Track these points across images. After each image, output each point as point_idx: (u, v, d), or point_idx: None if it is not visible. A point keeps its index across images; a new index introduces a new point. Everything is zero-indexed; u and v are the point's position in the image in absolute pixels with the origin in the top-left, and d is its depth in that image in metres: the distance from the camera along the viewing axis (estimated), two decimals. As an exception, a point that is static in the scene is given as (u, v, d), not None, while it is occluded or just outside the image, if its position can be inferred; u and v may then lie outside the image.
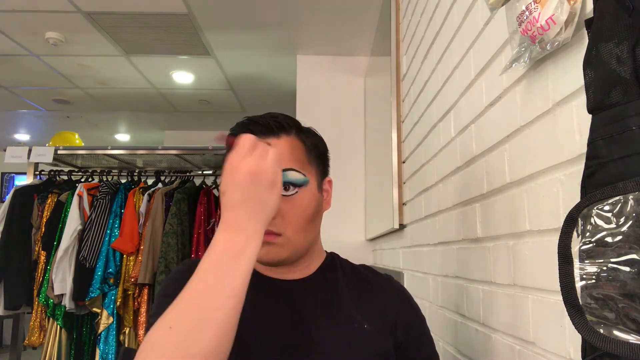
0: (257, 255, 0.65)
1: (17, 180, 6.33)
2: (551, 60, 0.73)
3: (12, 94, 4.29)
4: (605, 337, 0.45)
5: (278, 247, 0.80)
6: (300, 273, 0.88)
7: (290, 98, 3.58)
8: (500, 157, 0.93)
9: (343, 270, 0.92)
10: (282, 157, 0.79)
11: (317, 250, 0.91)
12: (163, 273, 2.47)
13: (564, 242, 0.51)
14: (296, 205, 0.81)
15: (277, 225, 0.79)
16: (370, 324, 0.83)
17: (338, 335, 0.81)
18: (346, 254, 0.97)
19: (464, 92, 1.16)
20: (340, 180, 3.11)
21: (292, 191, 0.81)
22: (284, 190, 0.80)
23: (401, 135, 2.01)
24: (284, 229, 0.80)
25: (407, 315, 0.90)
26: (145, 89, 4.15)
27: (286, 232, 0.80)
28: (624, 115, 0.47)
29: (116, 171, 3.00)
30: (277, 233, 0.80)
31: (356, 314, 0.84)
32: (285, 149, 0.82)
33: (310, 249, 0.88)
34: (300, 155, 0.84)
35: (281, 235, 0.80)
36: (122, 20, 2.88)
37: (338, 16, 2.78)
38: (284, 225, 0.80)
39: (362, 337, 0.82)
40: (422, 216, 1.60)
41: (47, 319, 2.62)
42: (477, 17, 1.07)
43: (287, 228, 0.80)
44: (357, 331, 0.82)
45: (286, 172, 0.80)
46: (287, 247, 0.81)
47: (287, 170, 0.80)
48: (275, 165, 0.68)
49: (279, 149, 0.81)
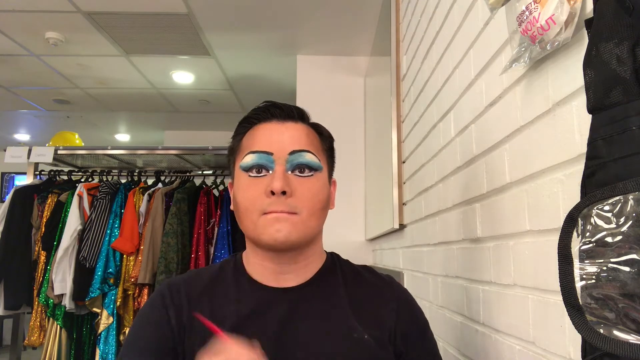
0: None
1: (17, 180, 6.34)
2: (551, 60, 0.73)
3: (12, 94, 4.29)
4: (605, 337, 0.45)
5: (291, 225, 0.77)
6: (299, 276, 0.84)
7: (290, 98, 3.58)
8: (500, 157, 0.93)
9: (343, 273, 0.89)
10: (300, 140, 0.81)
11: (318, 250, 0.88)
12: (163, 273, 2.47)
13: (564, 242, 0.51)
14: (311, 187, 0.80)
15: (292, 205, 0.77)
16: (370, 334, 0.80)
17: (337, 346, 0.79)
18: (346, 254, 0.96)
19: (464, 92, 1.16)
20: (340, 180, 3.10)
21: (308, 173, 0.80)
22: (298, 172, 0.79)
23: (401, 135, 2.01)
24: (300, 209, 0.78)
25: (408, 322, 0.86)
26: (145, 89, 4.15)
27: (302, 212, 0.78)
28: (624, 115, 0.47)
29: (116, 171, 3.00)
30: (292, 212, 0.77)
31: (356, 323, 0.81)
32: (303, 133, 0.83)
33: (315, 245, 0.86)
34: (316, 143, 0.85)
35: (297, 214, 0.78)
36: (122, 20, 2.88)
37: (338, 16, 2.78)
38: (300, 205, 0.78)
39: (362, 347, 0.79)
40: (422, 216, 1.60)
41: (47, 319, 2.62)
42: (477, 17, 1.07)
43: (303, 208, 0.78)
44: (357, 342, 0.79)
45: (304, 152, 0.80)
46: (300, 227, 0.78)
47: (305, 152, 0.80)
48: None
49: (298, 132, 0.83)
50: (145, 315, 0.83)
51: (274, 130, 0.82)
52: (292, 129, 0.83)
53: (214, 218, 2.70)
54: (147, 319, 0.82)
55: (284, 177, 0.78)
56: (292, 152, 0.80)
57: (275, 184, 0.76)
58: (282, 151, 0.79)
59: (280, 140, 0.81)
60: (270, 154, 0.79)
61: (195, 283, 0.85)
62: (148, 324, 0.81)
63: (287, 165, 0.79)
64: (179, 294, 0.82)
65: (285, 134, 0.82)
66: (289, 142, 0.81)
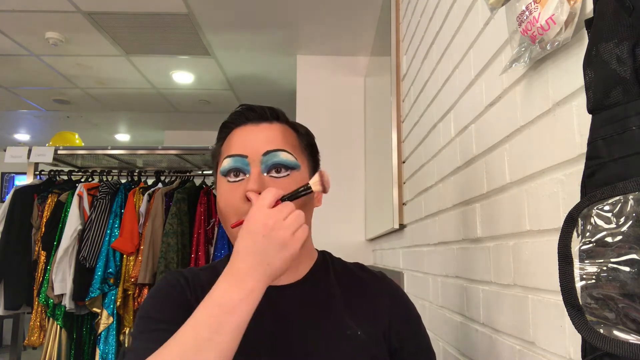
0: (253, 310, 0.64)
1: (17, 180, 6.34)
2: (551, 60, 0.73)
3: (12, 94, 4.29)
4: (605, 337, 0.45)
5: None
6: (291, 275, 0.84)
7: (290, 98, 3.58)
8: (500, 157, 0.93)
9: (335, 271, 0.89)
10: (274, 140, 0.81)
11: (308, 250, 0.88)
12: (163, 273, 2.47)
13: (564, 242, 0.51)
14: (287, 187, 0.78)
15: None
16: (363, 330, 0.81)
17: (331, 344, 0.79)
18: (346, 254, 0.96)
19: (464, 92, 1.16)
20: (340, 180, 3.12)
21: (284, 173, 0.80)
22: (275, 172, 0.79)
23: (401, 135, 2.01)
24: None
25: (401, 318, 0.86)
26: (145, 89, 4.15)
27: None
28: (624, 115, 0.47)
29: (116, 171, 3.00)
30: None
31: (349, 320, 0.81)
32: (278, 133, 0.83)
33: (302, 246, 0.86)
34: (293, 142, 0.84)
35: None
36: (122, 20, 2.88)
37: (338, 16, 2.78)
38: None
39: (356, 344, 0.79)
40: (422, 216, 1.60)
41: (47, 319, 2.62)
42: (477, 17, 1.07)
43: None
44: (350, 339, 0.79)
45: (278, 152, 0.79)
46: None
47: (279, 151, 0.80)
48: (293, 228, 0.67)
49: (273, 132, 0.82)
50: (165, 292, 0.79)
51: (248, 133, 0.82)
52: (265, 130, 0.82)
53: (214, 218, 2.70)
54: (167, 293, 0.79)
55: (259, 179, 0.77)
56: (266, 152, 0.79)
57: (251, 187, 0.76)
58: (256, 153, 0.79)
59: (254, 142, 0.80)
60: (244, 157, 0.79)
61: (201, 277, 0.85)
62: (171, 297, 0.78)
63: (262, 166, 0.79)
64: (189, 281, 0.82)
65: (259, 135, 0.81)
66: (262, 143, 0.80)
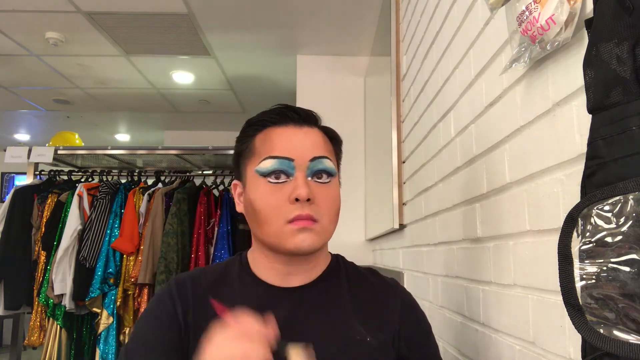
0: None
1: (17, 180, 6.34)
2: (551, 60, 0.73)
3: (12, 94, 4.29)
4: (605, 337, 0.45)
5: (315, 234, 0.78)
6: (305, 277, 0.85)
7: (290, 98, 3.58)
8: (501, 157, 0.93)
9: (347, 276, 0.89)
10: (319, 145, 0.81)
11: (325, 251, 0.89)
12: (163, 273, 2.47)
13: (564, 242, 0.51)
14: (330, 193, 0.80)
15: (314, 211, 0.77)
16: (372, 337, 0.81)
17: (339, 349, 0.79)
18: (346, 254, 0.96)
19: (464, 92, 1.16)
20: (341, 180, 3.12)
21: (327, 179, 0.81)
22: (317, 178, 0.80)
23: (401, 135, 2.01)
24: (321, 216, 0.78)
25: (411, 326, 0.86)
26: (145, 89, 4.15)
27: (323, 219, 0.79)
28: (624, 115, 0.47)
29: (116, 171, 3.00)
30: (315, 219, 0.77)
31: (358, 326, 0.81)
32: (320, 138, 0.83)
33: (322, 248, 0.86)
34: (330, 147, 0.85)
35: (318, 222, 0.78)
36: (122, 20, 2.88)
37: (338, 16, 2.78)
38: (320, 212, 0.78)
39: (364, 350, 0.79)
40: (422, 216, 1.60)
41: (47, 319, 2.62)
42: (477, 17, 1.07)
43: (323, 215, 0.79)
44: (359, 344, 0.79)
45: (324, 159, 0.80)
46: (322, 235, 0.79)
47: (324, 158, 0.80)
48: (263, 355, 0.61)
49: (317, 137, 0.83)
50: (153, 310, 0.82)
51: (293, 136, 0.81)
52: (311, 135, 0.83)
53: (214, 218, 2.70)
54: (154, 313, 0.82)
55: (307, 183, 0.78)
56: (313, 158, 0.79)
57: (302, 192, 0.76)
58: (303, 158, 0.79)
59: (301, 146, 0.80)
60: (291, 160, 0.79)
61: (201, 280, 0.85)
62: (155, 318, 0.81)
63: (307, 171, 0.79)
64: (185, 290, 0.83)
65: (306, 140, 0.81)
66: (309, 148, 0.80)
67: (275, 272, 0.83)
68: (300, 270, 0.84)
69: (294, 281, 0.84)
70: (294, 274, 0.84)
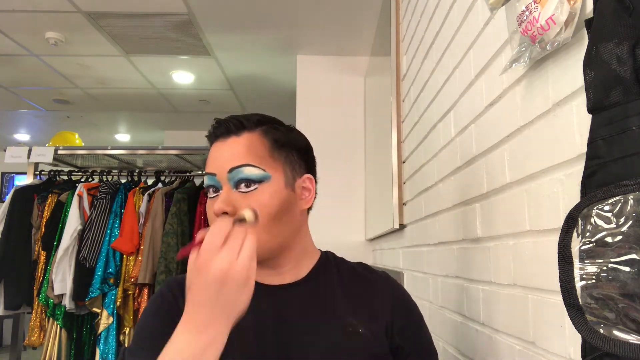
0: (220, 353, 0.62)
1: (17, 180, 6.33)
2: (551, 60, 0.73)
3: (12, 94, 4.29)
4: (605, 337, 0.45)
5: None
6: (290, 276, 0.85)
7: (290, 98, 3.59)
8: (500, 157, 0.93)
9: (338, 270, 0.90)
10: (238, 154, 0.80)
11: (305, 251, 0.89)
12: (163, 273, 2.47)
13: (564, 242, 0.51)
14: (255, 201, 0.78)
15: None
16: (365, 328, 0.81)
17: (331, 341, 0.79)
18: (346, 254, 0.97)
19: (464, 92, 1.16)
20: (340, 180, 3.12)
21: (252, 187, 0.79)
22: (244, 187, 0.79)
23: (401, 135, 2.01)
24: None
25: (403, 316, 0.87)
26: (145, 89, 4.15)
27: None
28: (624, 115, 0.47)
29: (116, 171, 3.00)
30: None
31: (350, 318, 0.82)
32: (242, 146, 0.81)
33: (294, 249, 0.85)
34: (261, 151, 0.81)
35: None
36: (122, 20, 2.88)
37: (338, 16, 2.78)
38: None
39: (357, 342, 0.80)
40: (422, 216, 1.60)
41: (47, 319, 2.62)
42: (477, 17, 1.07)
43: None
44: (351, 336, 0.80)
45: (241, 167, 0.79)
46: None
47: (243, 167, 0.79)
48: (248, 260, 0.64)
49: (237, 146, 0.81)
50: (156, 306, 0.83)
51: (216, 150, 0.83)
52: (230, 145, 0.82)
53: (214, 218, 2.69)
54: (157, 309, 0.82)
55: (227, 197, 0.78)
56: (230, 169, 0.79)
57: (215, 206, 0.77)
58: (222, 171, 0.80)
59: (220, 160, 0.81)
60: (214, 175, 0.80)
61: None
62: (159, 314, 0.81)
63: (230, 183, 0.79)
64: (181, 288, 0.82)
65: (224, 152, 0.81)
66: (227, 159, 0.80)
67: (262, 273, 0.83)
68: (282, 272, 0.85)
69: (284, 279, 0.85)
70: (279, 274, 0.85)
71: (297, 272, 0.86)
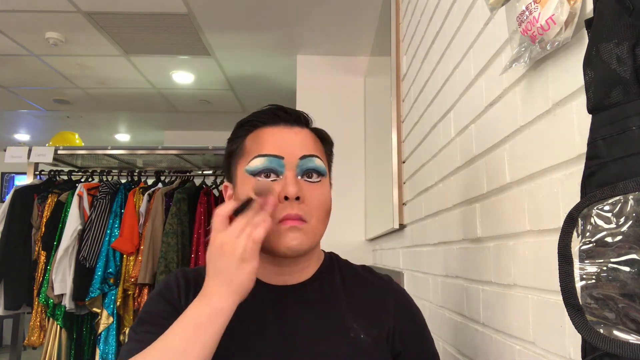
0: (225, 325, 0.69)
1: (17, 180, 6.34)
2: (551, 60, 0.73)
3: (12, 94, 4.29)
4: (605, 337, 0.45)
5: (304, 235, 0.77)
6: (297, 276, 0.85)
7: (290, 98, 3.58)
8: (500, 157, 0.93)
9: (341, 273, 0.89)
10: (309, 145, 0.82)
11: (317, 251, 0.89)
12: (163, 273, 2.47)
13: (564, 242, 0.51)
14: (320, 193, 0.80)
15: (304, 211, 0.77)
16: (366, 333, 0.81)
17: (332, 346, 0.79)
18: (346, 254, 0.96)
19: (464, 92, 1.16)
20: (340, 180, 3.12)
21: (316, 179, 0.80)
22: (307, 177, 0.79)
23: (401, 135, 2.01)
24: (310, 217, 0.78)
25: (406, 322, 0.86)
26: (145, 89, 4.15)
27: (311, 220, 0.78)
28: (624, 115, 0.47)
29: (116, 171, 3.00)
30: (304, 219, 0.77)
31: (352, 323, 0.81)
32: (310, 138, 0.84)
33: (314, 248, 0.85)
34: (321, 148, 0.85)
35: (307, 222, 0.78)
36: (122, 20, 2.88)
37: (338, 16, 2.78)
38: (309, 212, 0.78)
39: (358, 347, 0.79)
40: (422, 216, 1.60)
41: (47, 319, 2.62)
42: (477, 17, 1.07)
43: (312, 216, 0.78)
44: (353, 341, 0.80)
45: (313, 157, 0.80)
46: (311, 236, 0.79)
47: (314, 157, 0.80)
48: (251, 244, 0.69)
49: (306, 137, 0.83)
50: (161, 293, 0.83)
51: (284, 135, 0.82)
52: (301, 134, 0.83)
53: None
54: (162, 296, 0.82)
55: (297, 182, 0.78)
56: (303, 156, 0.79)
57: (290, 189, 0.76)
58: (293, 156, 0.79)
59: (291, 145, 0.80)
60: (281, 158, 0.78)
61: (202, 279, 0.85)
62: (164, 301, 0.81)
63: (297, 170, 0.79)
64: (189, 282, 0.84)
65: (295, 138, 0.81)
66: (299, 146, 0.80)
67: (269, 271, 0.84)
68: (292, 271, 0.84)
69: (288, 280, 0.84)
70: (287, 274, 0.84)
71: (302, 273, 0.86)
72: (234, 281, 0.68)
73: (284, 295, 0.83)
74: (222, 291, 0.68)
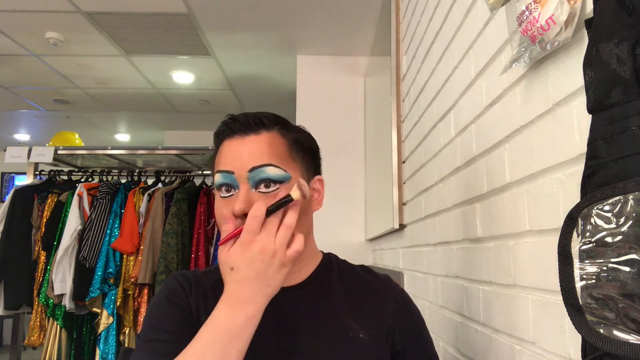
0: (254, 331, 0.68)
1: (17, 180, 6.34)
2: (551, 60, 0.73)
3: (12, 94, 4.29)
4: (605, 337, 0.45)
5: None
6: (293, 278, 0.84)
7: (290, 98, 3.59)
8: (500, 157, 0.93)
9: (340, 273, 0.89)
10: (260, 154, 0.78)
11: (309, 253, 0.87)
12: (163, 273, 2.47)
13: (564, 242, 0.51)
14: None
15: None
16: (365, 333, 0.81)
17: (331, 345, 0.79)
18: (346, 254, 0.97)
19: (464, 92, 1.16)
20: (341, 180, 3.12)
21: (273, 188, 0.77)
22: (264, 187, 0.76)
23: (401, 135, 2.01)
24: None
25: (404, 321, 0.86)
26: (145, 89, 4.15)
27: None
28: (624, 115, 0.47)
29: (116, 171, 3.00)
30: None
31: (351, 322, 0.81)
32: (264, 144, 0.79)
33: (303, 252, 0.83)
34: (281, 151, 0.80)
35: None
36: (122, 20, 2.88)
37: (338, 16, 2.78)
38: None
39: (357, 346, 0.79)
40: (422, 216, 1.60)
41: (47, 319, 2.62)
42: (477, 17, 1.07)
43: None
44: (351, 341, 0.79)
45: (264, 167, 0.77)
46: None
47: (265, 166, 0.77)
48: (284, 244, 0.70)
49: (258, 145, 0.79)
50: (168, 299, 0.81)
51: (233, 147, 0.79)
52: (251, 143, 0.79)
53: (214, 218, 2.69)
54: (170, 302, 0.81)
55: (246, 197, 0.75)
56: (252, 169, 0.76)
57: (236, 207, 0.74)
58: (243, 169, 0.77)
59: (240, 157, 0.78)
60: (231, 173, 0.77)
61: (202, 281, 0.85)
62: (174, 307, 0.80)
63: (250, 182, 0.77)
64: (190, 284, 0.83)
65: (244, 150, 0.78)
66: (247, 158, 0.77)
67: None
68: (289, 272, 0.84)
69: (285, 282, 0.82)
70: None
71: (299, 274, 0.85)
72: (271, 286, 0.69)
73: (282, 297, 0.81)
74: (259, 297, 0.68)
